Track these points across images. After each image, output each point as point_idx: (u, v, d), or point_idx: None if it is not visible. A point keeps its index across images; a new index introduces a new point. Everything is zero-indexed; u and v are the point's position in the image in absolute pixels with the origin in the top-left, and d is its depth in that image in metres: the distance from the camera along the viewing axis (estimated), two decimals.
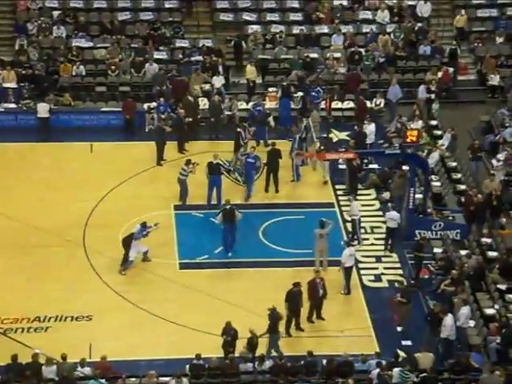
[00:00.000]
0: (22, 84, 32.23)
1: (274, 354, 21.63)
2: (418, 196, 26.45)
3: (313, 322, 23.28)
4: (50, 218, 26.60)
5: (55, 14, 35.10)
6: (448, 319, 21.97)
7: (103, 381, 20.33)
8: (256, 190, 28.20)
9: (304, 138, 29.02)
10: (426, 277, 24.93)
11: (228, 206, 25.64)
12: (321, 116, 31.20)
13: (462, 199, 27.17)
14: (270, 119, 30.61)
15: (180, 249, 25.78)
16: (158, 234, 25.60)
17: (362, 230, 26.42)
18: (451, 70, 33.73)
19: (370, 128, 29.93)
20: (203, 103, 31.81)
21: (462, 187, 28.03)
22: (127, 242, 24.72)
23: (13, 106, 31.71)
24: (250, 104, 31.60)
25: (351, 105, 32.37)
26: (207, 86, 32.55)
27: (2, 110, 31.60)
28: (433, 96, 32.42)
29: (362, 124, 30.07)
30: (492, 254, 25.25)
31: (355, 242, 25.64)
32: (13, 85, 32.20)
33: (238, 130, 29.12)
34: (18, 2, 35.10)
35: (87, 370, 20.73)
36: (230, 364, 20.95)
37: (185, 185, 27.33)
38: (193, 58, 33.53)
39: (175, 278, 24.66)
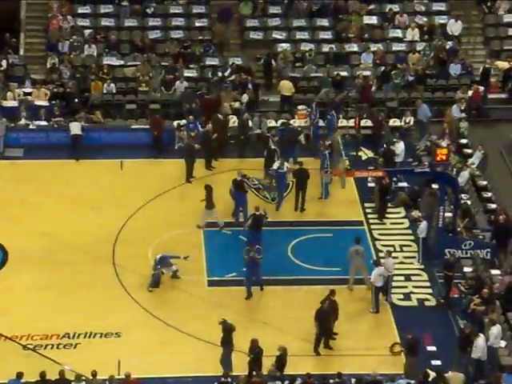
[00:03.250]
0: (53, 102, 32.52)
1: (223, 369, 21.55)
2: (447, 215, 26.32)
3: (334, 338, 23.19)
4: (80, 234, 26.74)
5: (87, 32, 35.42)
6: (480, 340, 21.78)
7: None
8: (285, 208, 28.18)
9: (331, 156, 29.01)
10: (456, 296, 24.75)
11: (258, 213, 25.80)
12: (349, 134, 31.34)
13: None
14: (301, 137, 30.64)
15: (209, 266, 25.80)
16: (187, 251, 25.65)
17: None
18: (482, 88, 33.57)
19: (399, 146, 29.85)
20: (233, 121, 31.91)
21: (493, 206, 27.85)
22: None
23: (44, 123, 31.99)
24: (280, 122, 31.60)
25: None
26: (237, 104, 32.67)
27: (34, 127, 31.86)
28: (463, 115, 32.28)
29: (390, 142, 30.04)
30: None
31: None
32: (44, 103, 32.50)
33: (273, 147, 29.14)
34: (51, 21, 35.45)
35: None
36: (258, 382, 20.87)
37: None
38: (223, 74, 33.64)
39: (204, 295, 24.67)
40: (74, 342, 22.92)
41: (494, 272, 25.14)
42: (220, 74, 33.71)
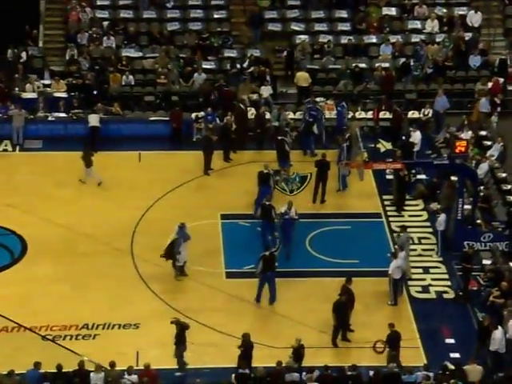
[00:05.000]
0: (72, 93, 32.62)
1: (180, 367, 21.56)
2: (466, 207, 26.23)
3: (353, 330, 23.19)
4: (98, 225, 26.83)
5: (105, 24, 35.45)
6: (497, 332, 21.71)
7: None
8: (303, 200, 28.20)
9: (349, 148, 28.97)
10: (475, 289, 24.67)
11: (267, 203, 25.84)
12: (367, 126, 31.30)
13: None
14: (314, 127, 30.61)
15: (226, 258, 25.82)
16: (205, 242, 25.72)
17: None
18: (501, 80, 33.37)
19: (416, 136, 29.76)
20: (251, 113, 31.90)
21: None
22: (169, 251, 24.75)
23: (63, 115, 32.10)
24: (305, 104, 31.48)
25: None
26: (255, 96, 32.65)
27: (53, 119, 32.00)
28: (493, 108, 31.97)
29: (408, 134, 29.97)
30: None
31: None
32: (63, 94, 32.61)
33: (280, 137, 29.16)
34: (70, 13, 35.53)
35: (134, 378, 20.88)
36: (276, 373, 20.90)
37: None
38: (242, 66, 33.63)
39: (222, 287, 24.70)
40: (92, 333, 23.02)
41: None
42: (238, 65, 33.71)
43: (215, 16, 36.11)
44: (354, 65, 33.82)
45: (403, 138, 30.24)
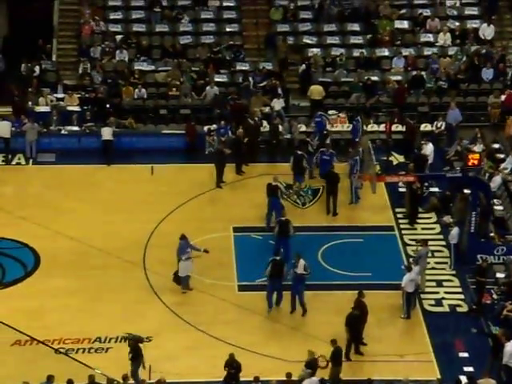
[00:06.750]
0: (85, 107, 32.75)
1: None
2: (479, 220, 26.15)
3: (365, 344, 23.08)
4: (111, 239, 26.87)
5: (118, 38, 35.62)
6: (509, 346, 21.57)
7: None
8: (315, 213, 28.15)
9: (362, 161, 28.98)
10: (488, 302, 24.57)
11: (284, 218, 25.81)
12: (380, 139, 31.31)
13: None
14: (328, 140, 30.55)
15: (239, 271, 25.81)
16: (217, 255, 25.71)
17: None
18: None
19: (428, 149, 29.73)
20: (264, 126, 31.91)
21: None
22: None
23: (76, 128, 32.23)
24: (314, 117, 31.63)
25: None
26: (267, 109, 32.69)
27: (66, 132, 32.13)
28: None
29: (420, 146, 29.93)
30: None
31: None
32: (76, 108, 32.74)
33: (300, 152, 29.13)
34: (83, 27, 35.73)
35: None
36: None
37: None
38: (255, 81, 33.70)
39: (234, 299, 24.68)
40: (105, 346, 23.02)
41: None
42: (251, 78, 33.75)
43: (227, 29, 36.23)
44: (367, 78, 33.85)
45: (416, 150, 30.21)
